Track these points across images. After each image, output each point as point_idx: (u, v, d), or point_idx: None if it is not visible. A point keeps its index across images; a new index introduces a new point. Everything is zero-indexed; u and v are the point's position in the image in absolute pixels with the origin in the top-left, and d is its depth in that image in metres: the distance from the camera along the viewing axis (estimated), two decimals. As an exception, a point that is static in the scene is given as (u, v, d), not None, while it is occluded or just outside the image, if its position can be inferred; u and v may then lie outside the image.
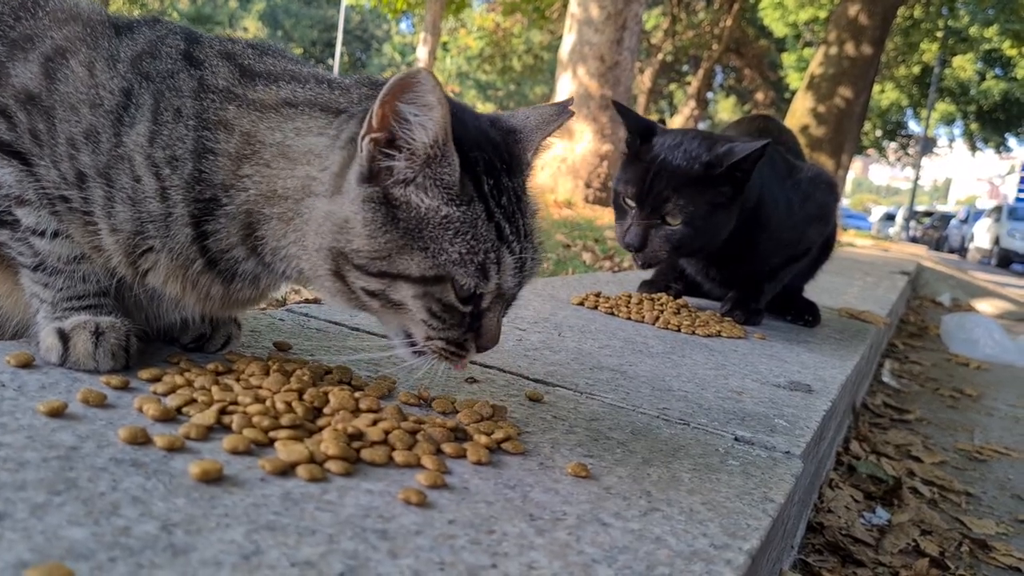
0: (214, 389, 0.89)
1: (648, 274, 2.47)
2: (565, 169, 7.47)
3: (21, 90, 0.91)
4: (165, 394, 0.89)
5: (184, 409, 0.85)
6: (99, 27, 0.96)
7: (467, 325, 0.90)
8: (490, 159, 0.88)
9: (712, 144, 1.94)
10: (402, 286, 0.86)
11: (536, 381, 1.25)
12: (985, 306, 6.80)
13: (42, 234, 0.94)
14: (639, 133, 2.00)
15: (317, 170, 0.88)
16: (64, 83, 0.91)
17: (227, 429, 0.82)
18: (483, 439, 0.90)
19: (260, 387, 0.92)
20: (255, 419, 0.82)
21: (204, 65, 0.94)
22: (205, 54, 0.96)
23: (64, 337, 0.93)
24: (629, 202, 1.98)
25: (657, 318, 1.99)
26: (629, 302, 2.10)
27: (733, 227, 2.02)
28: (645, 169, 1.93)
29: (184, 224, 0.92)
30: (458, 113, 0.87)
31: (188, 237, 0.92)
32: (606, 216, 6.62)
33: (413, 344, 0.92)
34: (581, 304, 2.07)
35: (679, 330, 1.93)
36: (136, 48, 0.95)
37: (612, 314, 2.02)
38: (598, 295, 2.13)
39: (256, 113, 0.91)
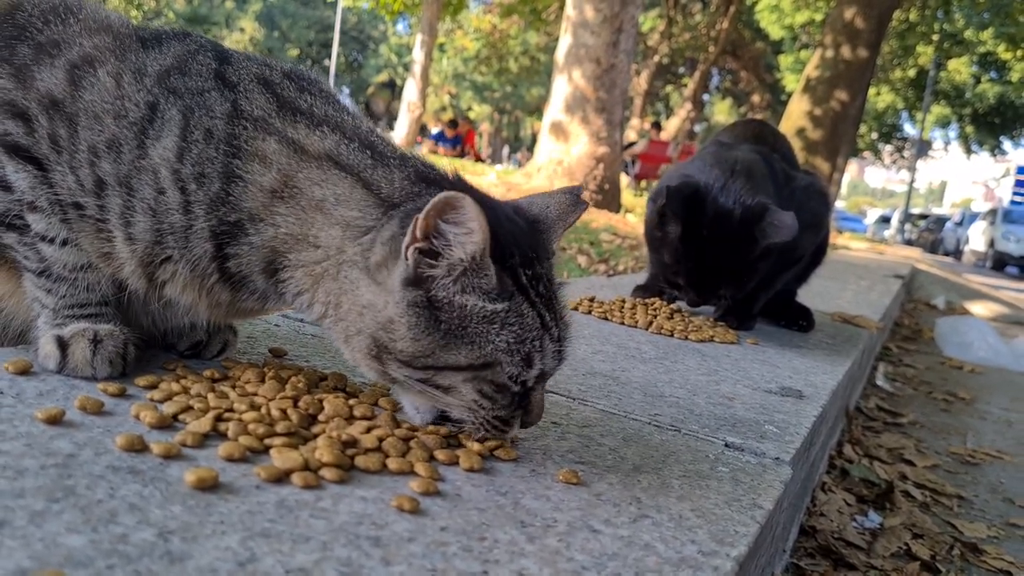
0: (210, 396, 0.90)
1: (643, 279, 2.48)
2: (561, 172, 7.48)
3: (45, 94, 0.92)
4: (161, 401, 0.90)
5: (180, 416, 0.86)
6: (127, 40, 0.96)
7: (516, 403, 0.91)
8: (524, 250, 0.90)
9: (747, 222, 1.99)
10: (449, 374, 0.88)
11: (529, 387, 1.26)
12: (979, 309, 6.82)
13: (51, 241, 0.95)
14: (684, 211, 2.01)
15: (355, 244, 0.89)
16: (89, 91, 0.92)
17: (223, 436, 0.83)
18: (476, 446, 0.91)
19: (256, 394, 0.94)
20: (250, 426, 0.83)
21: (238, 89, 0.94)
22: (239, 76, 0.96)
23: (63, 344, 0.94)
24: (676, 281, 2.12)
25: (650, 323, 2.00)
26: (623, 307, 2.12)
27: None
28: (690, 266, 2.05)
29: (204, 239, 0.92)
30: (493, 208, 0.90)
31: (208, 253, 0.93)
32: (602, 219, 6.63)
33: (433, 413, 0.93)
34: (575, 309, 2.08)
35: (672, 335, 1.94)
36: (164, 63, 0.95)
37: (606, 319, 2.04)
38: (592, 300, 2.14)
39: (297, 157, 0.91)
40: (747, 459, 1.08)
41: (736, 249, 2.01)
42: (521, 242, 0.91)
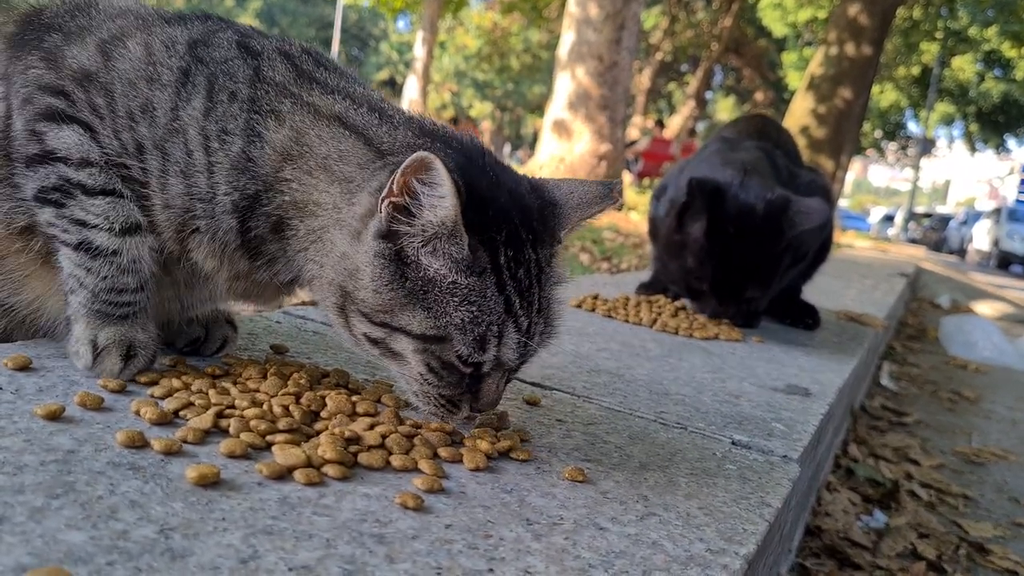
0: (211, 392, 0.89)
1: (646, 276, 2.47)
2: (564, 169, 7.46)
3: (77, 70, 0.94)
4: (162, 398, 0.89)
5: (181, 413, 0.85)
6: (151, 18, 1.00)
7: (465, 386, 0.89)
8: (515, 229, 0.87)
9: (772, 215, 1.98)
10: (402, 339, 0.86)
11: (533, 384, 1.25)
12: (984, 308, 6.80)
13: (101, 193, 0.94)
14: (707, 207, 1.99)
15: (346, 202, 0.89)
16: (121, 61, 0.94)
17: (224, 433, 0.82)
18: (483, 445, 0.89)
19: (257, 391, 0.93)
20: (252, 423, 0.82)
21: (261, 56, 0.97)
22: (262, 46, 0.99)
23: (96, 350, 0.93)
24: (700, 286, 2.07)
25: (655, 321, 1.99)
26: (627, 304, 2.11)
27: None
28: (715, 266, 2.01)
29: (229, 213, 0.93)
30: (496, 175, 0.89)
31: (232, 227, 0.94)
32: (604, 217, 6.60)
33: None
34: (579, 306, 2.07)
35: (677, 333, 1.93)
36: (191, 35, 0.98)
37: (610, 316, 2.02)
38: (596, 297, 2.13)
39: (310, 116, 0.93)
40: (754, 457, 1.06)
41: (762, 244, 1.97)
42: (519, 220, 0.88)
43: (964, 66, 22.68)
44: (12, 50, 0.98)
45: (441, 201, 0.82)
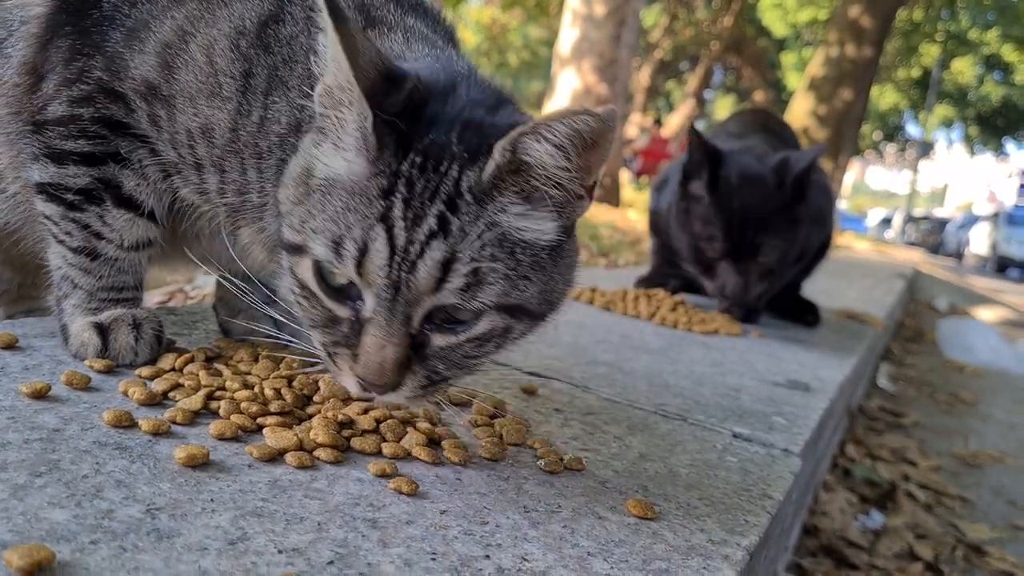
0: (202, 374, 0.87)
1: (645, 270, 2.45)
2: (563, 165, 7.42)
3: (140, 82, 0.89)
4: (151, 378, 0.87)
5: (171, 394, 0.83)
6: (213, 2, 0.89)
7: (342, 334, 0.73)
8: (445, 142, 0.71)
9: (777, 170, 1.96)
10: (287, 248, 0.75)
11: (531, 374, 1.23)
12: (982, 312, 6.80)
13: (134, 207, 0.92)
14: (709, 162, 1.96)
15: None
16: (184, 70, 0.87)
17: (214, 415, 0.80)
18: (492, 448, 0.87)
19: (249, 373, 0.91)
20: (243, 405, 0.80)
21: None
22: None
23: (103, 331, 0.90)
24: (714, 254, 1.98)
25: (654, 314, 1.97)
26: (625, 298, 2.09)
27: None
28: (725, 220, 1.93)
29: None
30: (454, 86, 0.76)
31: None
32: (602, 214, 6.60)
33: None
34: (577, 299, 2.05)
35: (676, 327, 1.91)
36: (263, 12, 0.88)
37: (608, 310, 2.01)
38: (594, 290, 2.11)
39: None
40: (755, 450, 1.05)
41: (766, 194, 1.93)
42: (455, 132, 0.71)
43: (964, 69, 22.70)
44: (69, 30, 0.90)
45: (335, 66, 0.69)
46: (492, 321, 0.72)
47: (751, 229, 1.92)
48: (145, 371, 0.88)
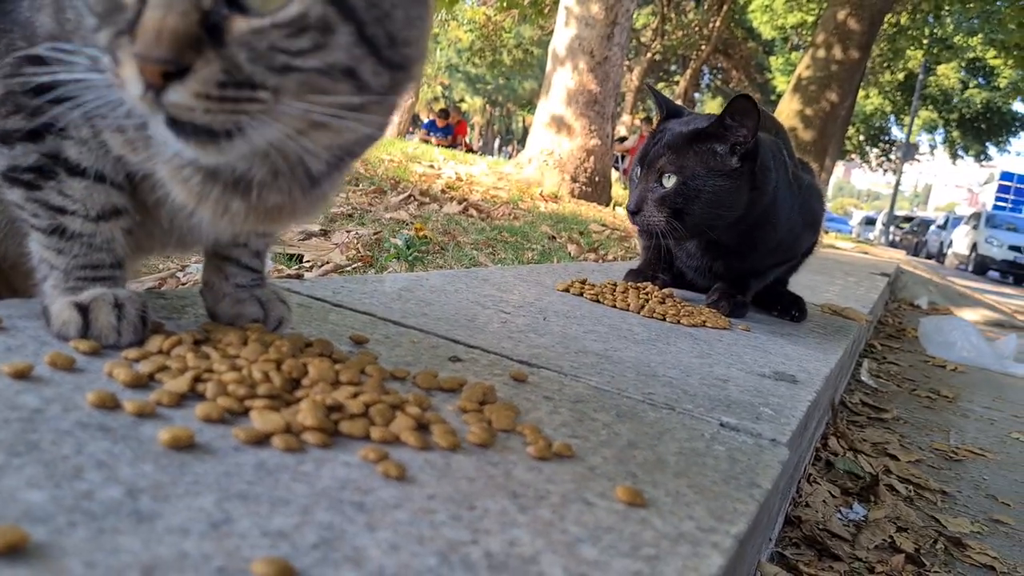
0: (189, 356, 0.86)
1: (635, 263, 2.46)
2: (552, 163, 7.44)
3: (46, 38, 0.84)
4: (137, 360, 0.85)
5: (157, 376, 0.81)
6: None
7: (125, 21, 0.64)
8: None
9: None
10: None
11: (520, 362, 1.23)
12: (962, 311, 6.87)
13: (82, 174, 0.89)
14: (667, 115, 2.19)
15: None
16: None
17: (201, 397, 0.79)
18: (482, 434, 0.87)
19: (237, 356, 0.89)
20: (230, 387, 0.79)
21: None
22: None
23: (83, 310, 0.88)
24: (636, 173, 2.13)
25: (642, 306, 1.97)
26: (614, 290, 2.09)
27: (749, 221, 2.08)
28: (651, 142, 2.11)
29: None
30: None
31: None
32: (592, 210, 6.61)
33: None
34: (566, 291, 2.05)
35: (664, 319, 1.92)
36: None
37: (597, 301, 2.00)
38: (583, 282, 2.11)
39: None
40: (743, 439, 1.05)
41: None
42: None
43: (948, 73, 22.94)
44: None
45: None
46: (305, 3, 0.62)
47: (661, 148, 2.06)
48: (131, 353, 0.86)
